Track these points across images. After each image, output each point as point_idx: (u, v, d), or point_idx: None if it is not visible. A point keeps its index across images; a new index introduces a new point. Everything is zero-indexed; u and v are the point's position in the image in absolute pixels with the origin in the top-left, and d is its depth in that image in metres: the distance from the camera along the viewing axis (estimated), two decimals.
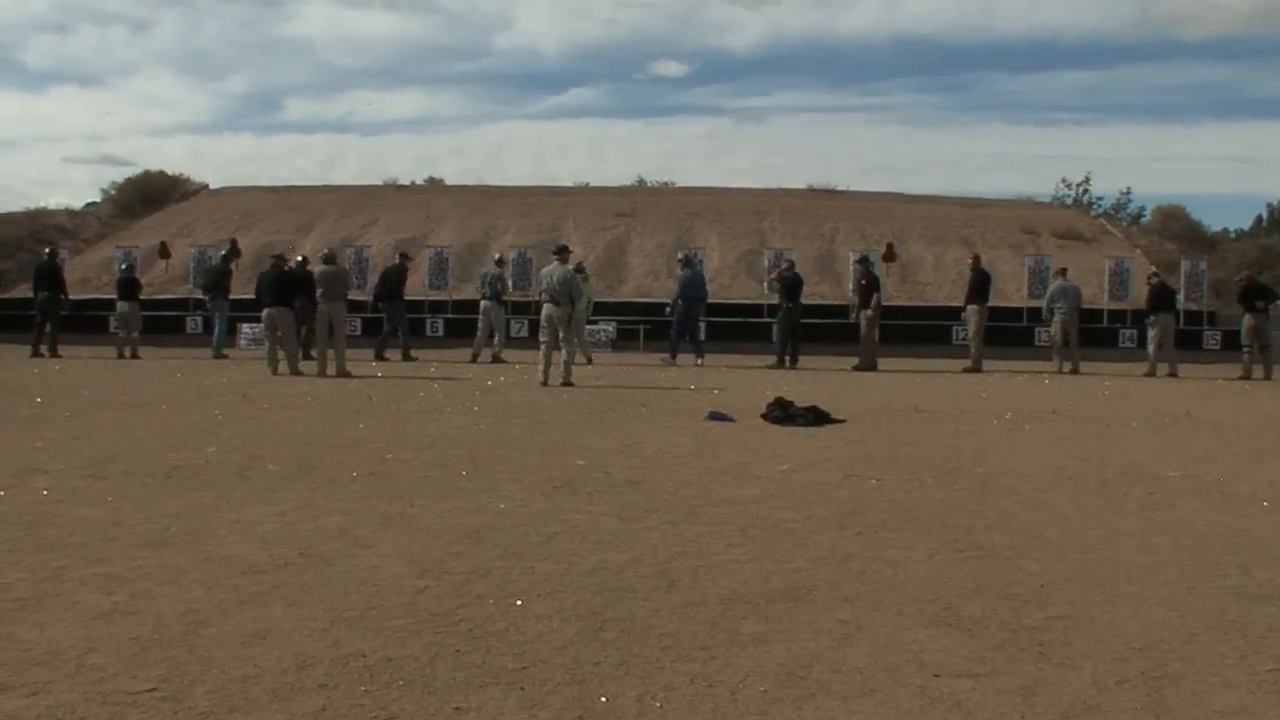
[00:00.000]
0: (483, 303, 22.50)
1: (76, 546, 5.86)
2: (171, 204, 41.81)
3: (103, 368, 19.85)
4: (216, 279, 23.71)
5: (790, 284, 22.43)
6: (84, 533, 6.18)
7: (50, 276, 23.54)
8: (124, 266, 25.13)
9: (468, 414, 12.57)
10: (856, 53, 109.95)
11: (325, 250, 19.85)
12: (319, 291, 18.38)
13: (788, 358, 22.05)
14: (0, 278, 33.66)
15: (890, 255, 30.88)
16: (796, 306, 22.42)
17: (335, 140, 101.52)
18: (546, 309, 17.09)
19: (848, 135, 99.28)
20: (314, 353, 19.16)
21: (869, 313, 22.17)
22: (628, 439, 10.51)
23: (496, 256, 24.34)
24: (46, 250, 25.91)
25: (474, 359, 22.17)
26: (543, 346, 17.02)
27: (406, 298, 24.09)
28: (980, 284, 22.65)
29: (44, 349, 22.87)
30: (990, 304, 23.30)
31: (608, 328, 27.53)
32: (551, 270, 17.23)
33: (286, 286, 18.79)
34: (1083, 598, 5.18)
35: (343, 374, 17.78)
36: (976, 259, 23.65)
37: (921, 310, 30.04)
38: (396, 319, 23.28)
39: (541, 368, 16.85)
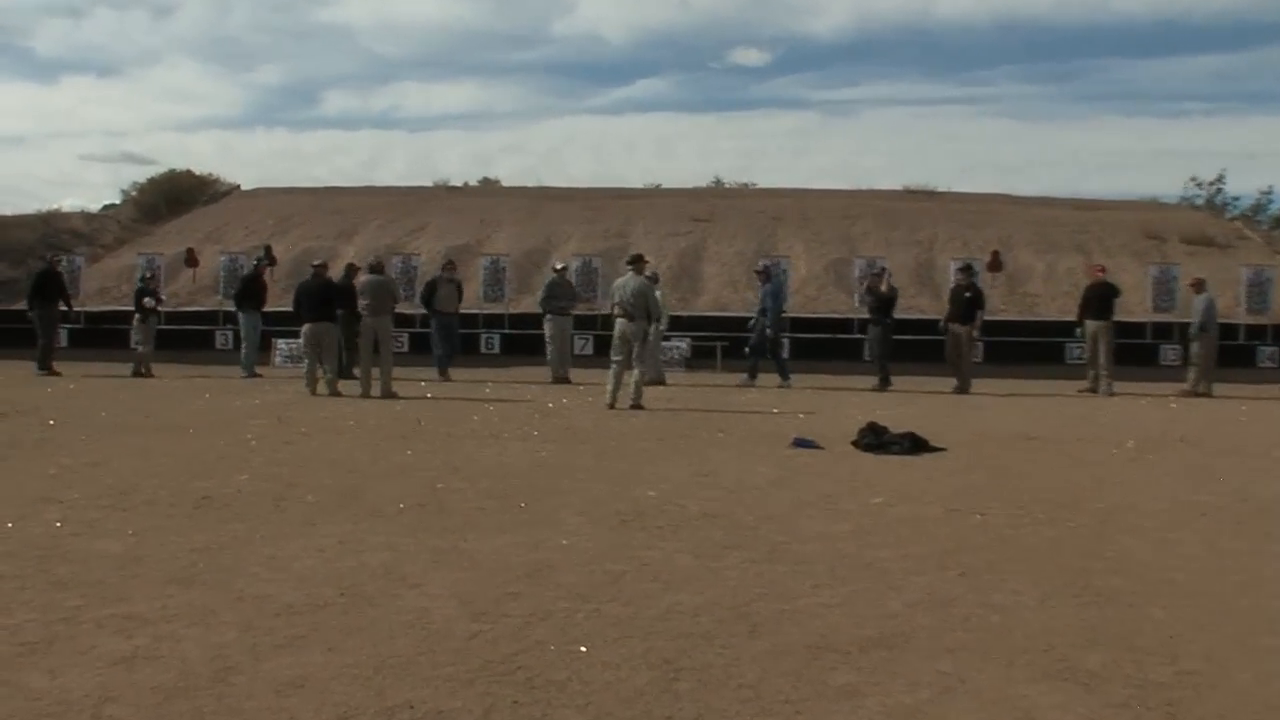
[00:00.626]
0: (553, 318, 22.52)
1: (93, 584, 5.92)
2: (199, 207, 42.34)
3: (121, 387, 20.12)
4: (245, 288, 23.95)
5: (883, 298, 22.29)
6: (101, 569, 6.25)
7: (47, 287, 23.61)
8: (147, 276, 25.41)
9: (527, 440, 12.61)
10: (956, 38, 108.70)
11: (372, 258, 19.99)
12: (363, 304, 18.46)
13: (880, 379, 21.92)
14: (9, 287, 34.08)
15: (996, 264, 30.62)
16: (889, 322, 22.30)
17: (379, 137, 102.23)
18: (620, 325, 17.06)
19: (947, 130, 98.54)
20: (356, 372, 19.29)
21: (974, 330, 21.97)
22: (704, 468, 10.50)
23: (559, 265, 24.35)
24: (45, 258, 25.88)
25: (555, 379, 22.18)
26: (613, 366, 17.04)
27: (446, 310, 24.03)
28: (1105, 298, 22.35)
29: (54, 365, 23.08)
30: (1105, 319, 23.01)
31: (681, 345, 27.53)
32: (625, 282, 17.21)
33: (330, 298, 18.87)
34: (1218, 651, 5.10)
35: (388, 395, 17.91)
36: (1100, 271, 23.37)
37: (1031, 326, 29.75)
38: (442, 333, 23.41)
39: (610, 389, 16.87)
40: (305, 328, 18.83)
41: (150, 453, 11.13)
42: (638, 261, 17.60)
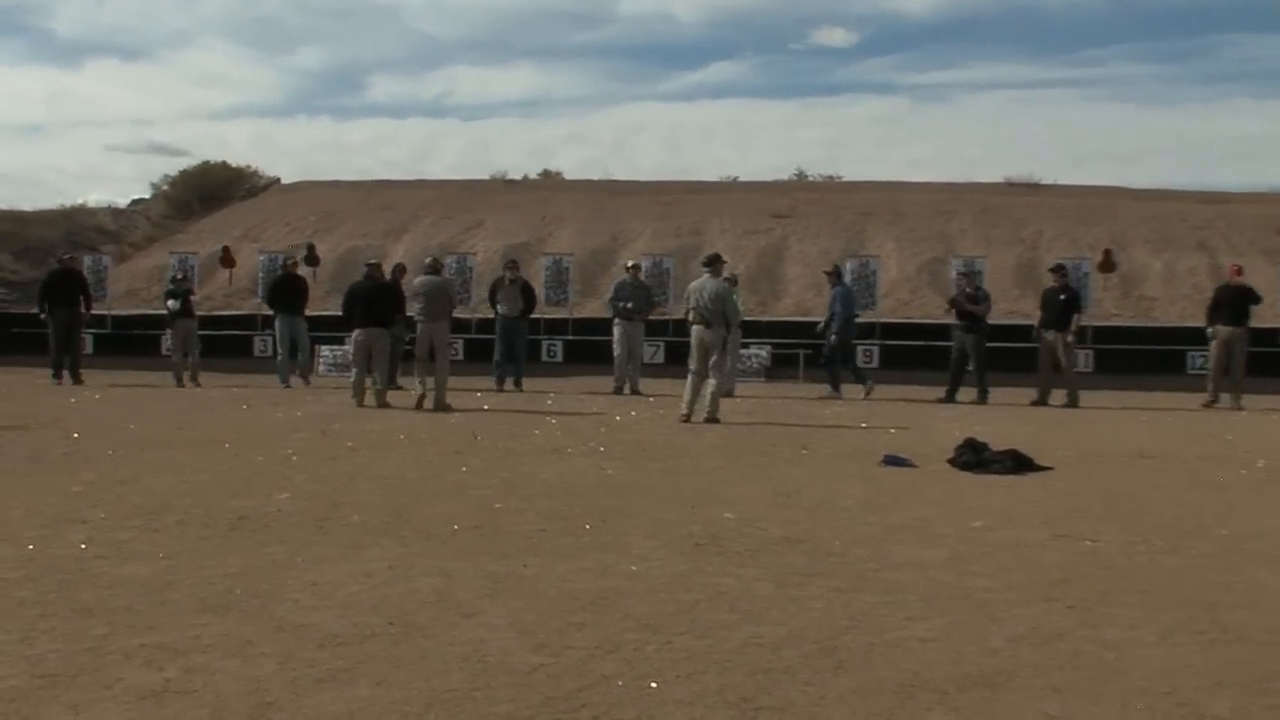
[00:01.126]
0: (621, 323, 22.56)
1: (120, 611, 5.95)
2: (235, 202, 42.86)
3: (150, 397, 20.37)
4: (276, 289, 24.09)
5: (971, 300, 22.07)
6: (129, 595, 6.29)
7: (66, 289, 23.88)
8: (179, 276, 25.60)
9: (592, 456, 12.62)
10: (1063, 14, 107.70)
11: (429, 258, 19.92)
12: (418, 308, 18.50)
13: (979, 391, 21.76)
14: (31, 289, 34.37)
15: (1108, 264, 30.31)
16: (984, 328, 22.13)
17: (430, 126, 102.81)
18: (697, 331, 17.02)
19: (1053, 116, 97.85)
20: (402, 382, 19.33)
21: (1070, 337, 21.72)
22: (785, 487, 10.46)
23: (631, 264, 24.33)
24: (59, 258, 26.09)
25: (619, 390, 22.24)
26: (690, 376, 17.02)
27: (508, 314, 24.05)
28: (1242, 301, 22.06)
29: (65, 374, 23.37)
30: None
31: (760, 353, 27.49)
32: (702, 285, 17.14)
33: (384, 301, 18.84)
34: None
35: (442, 407, 17.97)
36: (1236, 271, 23.07)
37: (1147, 332, 29.45)
38: (503, 338, 23.49)
39: (685, 400, 16.87)
40: (356, 333, 18.83)
41: (182, 469, 11.23)
42: (715, 262, 17.54)
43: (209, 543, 7.66)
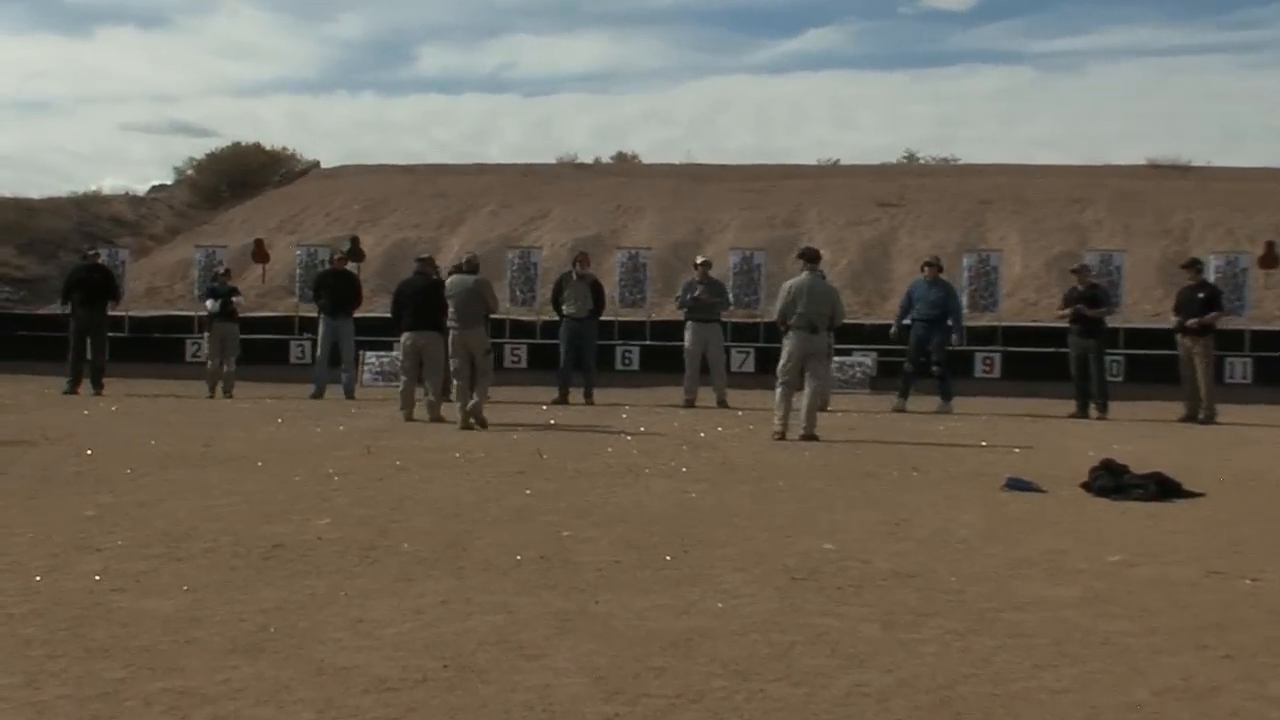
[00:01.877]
0: (693, 325, 22.53)
1: (139, 652, 6.00)
2: (269, 189, 43.14)
3: (175, 409, 20.57)
4: (321, 286, 24.16)
5: (1089, 300, 21.77)
6: (150, 633, 6.33)
7: (94, 287, 24.03)
8: (221, 271, 25.58)
9: (673, 477, 12.63)
10: None
11: (463, 255, 19.73)
12: (450, 310, 18.29)
13: (1092, 404, 21.50)
14: (39, 286, 34.63)
15: (1270, 258, 29.89)
16: (1103, 331, 21.90)
17: (488, 103, 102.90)
18: (798, 337, 16.93)
19: (1205, 88, 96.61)
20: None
21: (1207, 341, 21.48)
22: (894, 514, 10.42)
23: (700, 260, 24.18)
24: (86, 251, 26.26)
25: (689, 403, 22.25)
26: (780, 388, 16.97)
27: (576, 314, 23.97)
28: None
29: (84, 384, 23.53)
30: None
31: (864, 360, 27.38)
32: (801, 283, 17.03)
33: (436, 301, 18.72)
34: None
35: (478, 422, 17.65)
36: None
37: None
38: (569, 343, 23.44)
39: (779, 415, 16.83)
40: (405, 337, 18.80)
41: (210, 490, 11.32)
42: (813, 259, 17.47)
43: (240, 574, 7.71)
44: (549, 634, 6.37)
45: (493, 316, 20.32)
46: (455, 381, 18.48)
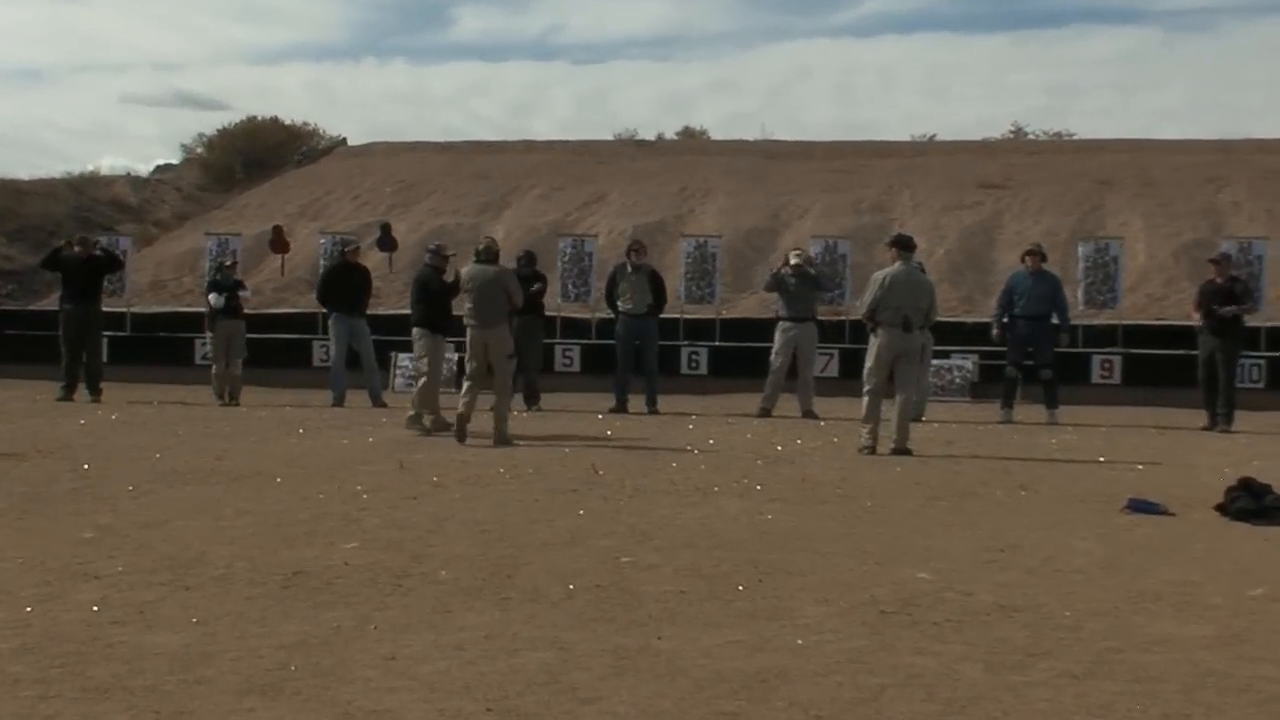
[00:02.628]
0: (785, 324, 22.41)
1: (143, 693, 6.03)
2: (289, 169, 43.30)
3: (183, 418, 20.62)
4: (330, 282, 24.04)
5: (1226, 296, 21.57)
6: (155, 671, 6.37)
7: (89, 277, 24.03)
8: (227, 263, 25.54)
9: (746, 496, 12.63)
10: None
11: (481, 241, 19.11)
12: (466, 308, 17.95)
13: (1219, 415, 21.32)
14: (29, 280, 34.56)
15: None
16: (1238, 331, 21.71)
17: (535, 72, 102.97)
18: (886, 335, 16.83)
19: None
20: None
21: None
22: (998, 540, 10.39)
23: (795, 253, 23.97)
24: (78, 239, 25.77)
25: (764, 413, 22.18)
26: (868, 395, 16.89)
27: (633, 310, 23.79)
28: None
29: (82, 391, 23.55)
30: None
31: (964, 364, 27.24)
32: (895, 275, 16.88)
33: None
34: None
35: (502, 440, 17.27)
36: None
37: None
38: (625, 342, 23.28)
39: (867, 427, 16.77)
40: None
41: (222, 510, 11.38)
42: (906, 246, 17.36)
43: (256, 605, 7.75)
44: (605, 674, 6.38)
45: (529, 314, 20.31)
46: (466, 387, 17.97)
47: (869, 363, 17.04)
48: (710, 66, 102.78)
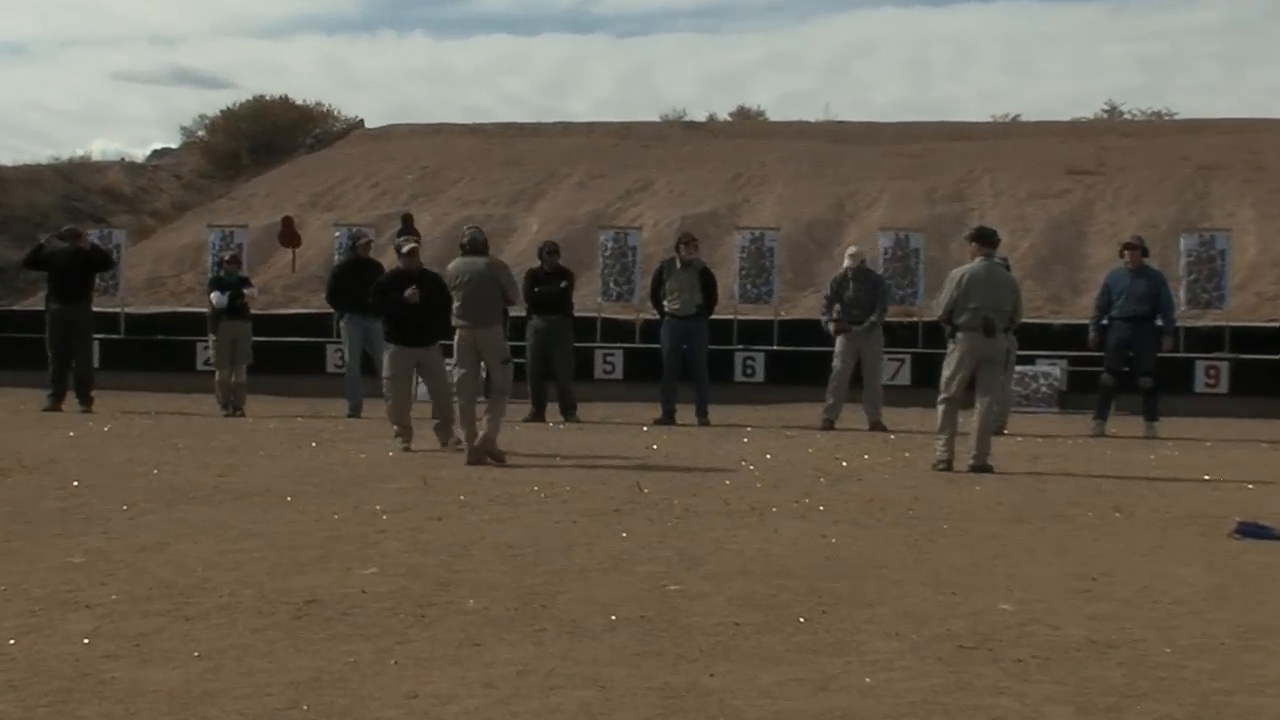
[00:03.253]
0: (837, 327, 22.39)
1: None
2: (300, 154, 43.40)
3: (183, 429, 20.75)
4: (340, 280, 23.93)
5: None
6: (152, 710, 6.38)
7: (78, 273, 23.94)
8: (227, 257, 25.41)
9: (807, 518, 12.63)
10: None
11: (467, 230, 18.53)
12: (456, 306, 17.52)
13: None
14: (12, 277, 34.30)
15: None
16: None
17: (571, 46, 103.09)
18: (966, 339, 16.75)
19: None
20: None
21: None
22: (1089, 566, 10.36)
23: (853, 251, 23.88)
24: (64, 231, 25.55)
25: (827, 425, 22.15)
26: (944, 405, 16.83)
27: (680, 311, 23.72)
28: None
29: (71, 400, 23.55)
30: None
31: (1051, 371, 27.15)
32: (975, 271, 16.82)
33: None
34: None
35: (490, 455, 16.89)
36: None
37: None
38: (671, 345, 23.25)
39: (943, 440, 16.73)
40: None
41: (227, 531, 11.41)
42: (988, 240, 17.29)
43: (264, 637, 7.77)
44: (651, 715, 6.38)
45: (573, 314, 20.29)
46: (457, 399, 17.68)
47: (946, 370, 16.99)
48: (765, 39, 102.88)
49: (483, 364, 17.53)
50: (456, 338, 17.47)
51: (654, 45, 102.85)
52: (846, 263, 22.98)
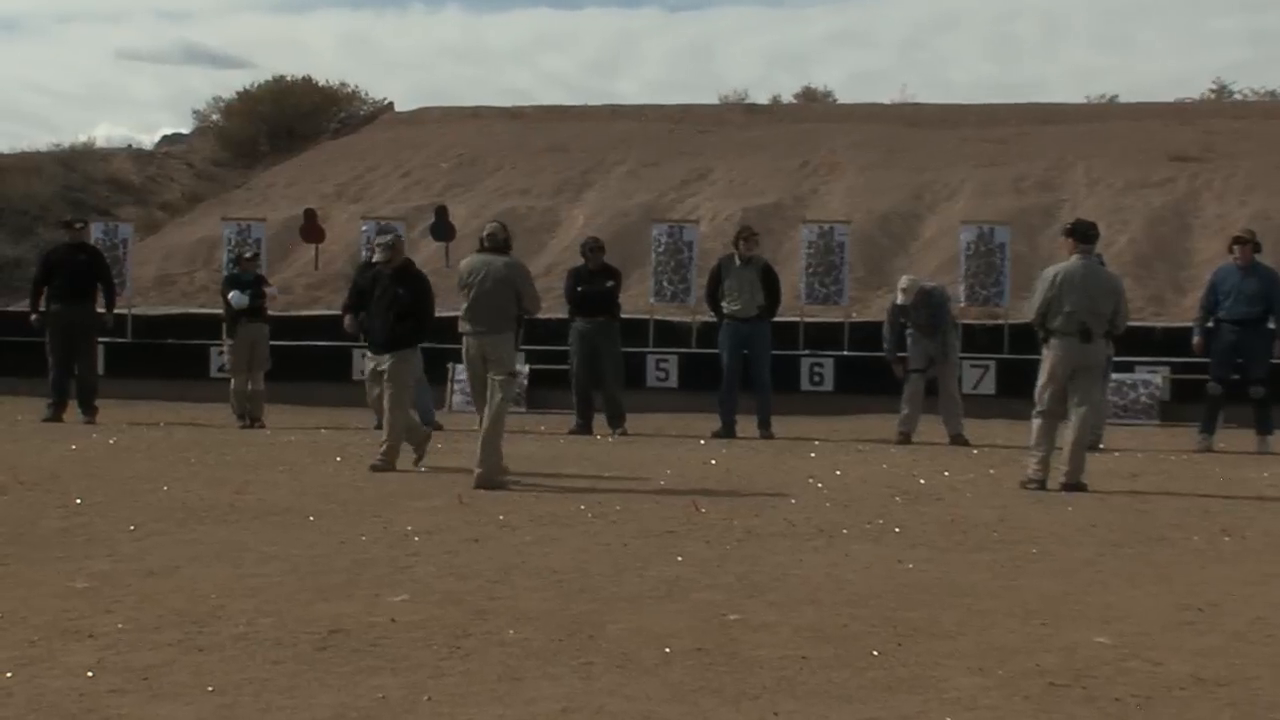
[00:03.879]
0: (916, 334, 22.27)
1: None
2: (324, 140, 43.49)
3: (196, 442, 20.82)
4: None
5: None
6: None
7: (80, 273, 24.02)
8: (248, 255, 25.40)
9: (881, 540, 12.65)
10: None
11: (489, 226, 17.77)
12: (464, 309, 17.13)
13: None
14: (10, 274, 34.42)
15: None
16: None
17: (619, 20, 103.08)
18: (1061, 345, 16.67)
19: None
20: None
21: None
22: (1195, 596, 10.34)
23: (903, 286, 23.49)
24: (69, 221, 25.97)
25: (903, 439, 22.08)
26: (1039, 417, 16.78)
27: (741, 313, 23.71)
28: None
29: (73, 409, 23.66)
30: None
31: (1152, 379, 27.03)
32: (1070, 271, 16.75)
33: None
34: None
35: (492, 480, 16.39)
36: None
37: None
38: (732, 349, 23.19)
39: (1036, 455, 16.68)
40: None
41: (244, 554, 11.46)
42: (1085, 236, 17.21)
43: (284, 670, 7.80)
44: None
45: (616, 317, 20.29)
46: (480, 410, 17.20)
47: (1040, 379, 16.90)
48: (832, 13, 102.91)
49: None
50: (463, 345, 17.18)
51: (710, 20, 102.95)
52: (899, 299, 22.64)
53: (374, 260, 18.89)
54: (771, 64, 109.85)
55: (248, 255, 24.64)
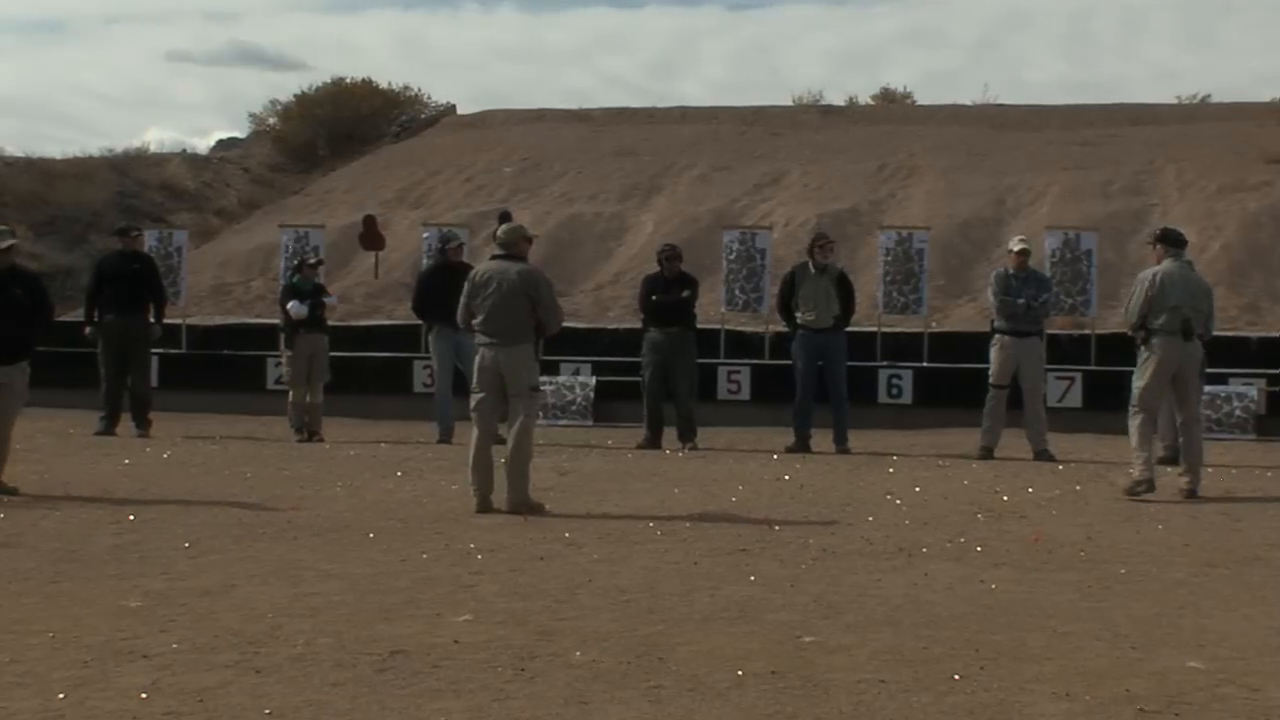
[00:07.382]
0: (1005, 340, 22.10)
1: None
2: (384, 145, 43.53)
3: (252, 456, 20.90)
4: (428, 286, 23.70)
5: None
6: None
7: (134, 283, 24.12)
8: (311, 261, 25.25)
9: (963, 560, 12.60)
10: None
11: (504, 227, 17.39)
12: (478, 319, 16.23)
13: None
14: (62, 283, 34.36)
15: None
16: None
17: (679, 20, 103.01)
18: (1164, 345, 16.60)
19: None
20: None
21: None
22: None
23: (1018, 245, 23.53)
24: (121, 230, 25.90)
25: (985, 454, 21.98)
26: (1140, 416, 16.77)
27: (816, 324, 23.71)
28: None
29: (126, 423, 23.80)
30: None
31: (1247, 391, 26.85)
32: (1169, 273, 16.88)
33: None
34: None
35: (524, 506, 15.72)
36: None
37: None
38: (805, 360, 23.15)
39: (1142, 459, 16.69)
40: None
41: (302, 572, 11.48)
42: (1175, 242, 17.15)
43: (344, 692, 7.81)
44: None
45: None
46: (475, 437, 16.23)
47: (1141, 380, 16.85)
48: (903, 10, 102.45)
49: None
50: (477, 357, 16.40)
51: (772, 18, 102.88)
52: (1016, 248, 22.43)
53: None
54: (836, 64, 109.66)
55: (311, 262, 24.41)
